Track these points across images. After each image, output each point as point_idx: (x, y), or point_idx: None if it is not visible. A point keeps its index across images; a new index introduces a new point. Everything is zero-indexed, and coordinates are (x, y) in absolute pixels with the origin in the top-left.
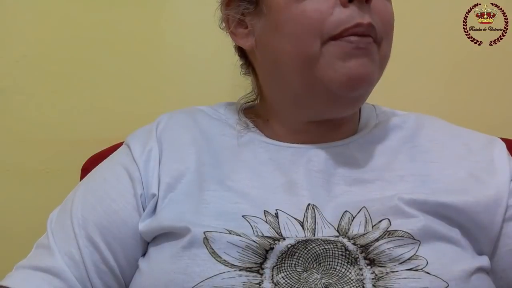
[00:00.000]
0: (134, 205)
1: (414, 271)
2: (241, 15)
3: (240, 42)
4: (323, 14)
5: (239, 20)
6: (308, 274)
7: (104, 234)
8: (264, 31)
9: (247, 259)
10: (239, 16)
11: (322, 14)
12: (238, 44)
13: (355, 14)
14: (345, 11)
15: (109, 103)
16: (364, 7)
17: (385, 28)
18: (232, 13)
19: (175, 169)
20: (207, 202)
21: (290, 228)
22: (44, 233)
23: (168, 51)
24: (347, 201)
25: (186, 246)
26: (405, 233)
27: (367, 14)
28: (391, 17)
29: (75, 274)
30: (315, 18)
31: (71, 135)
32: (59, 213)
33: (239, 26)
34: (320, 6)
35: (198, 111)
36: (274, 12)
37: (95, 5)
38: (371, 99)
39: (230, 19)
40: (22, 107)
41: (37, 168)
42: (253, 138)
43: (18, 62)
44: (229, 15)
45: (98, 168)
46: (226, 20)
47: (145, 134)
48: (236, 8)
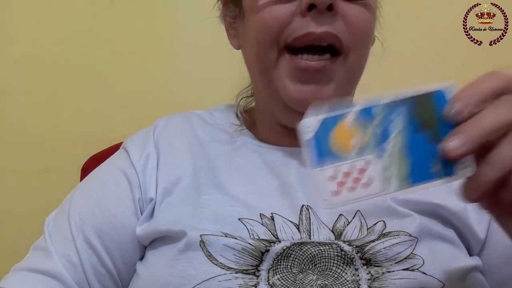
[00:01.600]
0: (133, 209)
1: (410, 271)
2: (230, 17)
3: (231, 42)
4: (280, 22)
5: (232, 21)
6: (304, 276)
7: (102, 237)
8: (243, 35)
9: (243, 262)
10: (229, 19)
11: (279, 22)
12: (231, 44)
13: (311, 23)
14: (303, 20)
15: (109, 103)
16: (325, 16)
17: (354, 37)
18: (228, 13)
19: (172, 174)
20: (204, 206)
21: (286, 231)
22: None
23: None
24: None
25: (183, 250)
26: (401, 231)
27: (326, 24)
28: (364, 25)
29: (73, 276)
30: (272, 26)
31: (71, 135)
32: (56, 216)
33: (231, 27)
34: (278, 14)
35: (194, 115)
36: (245, 18)
37: (95, 6)
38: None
39: (226, 20)
40: (22, 107)
41: (37, 168)
42: (246, 142)
43: (18, 62)
44: (225, 15)
45: (96, 172)
46: (223, 20)
47: (142, 139)
48: (228, 9)
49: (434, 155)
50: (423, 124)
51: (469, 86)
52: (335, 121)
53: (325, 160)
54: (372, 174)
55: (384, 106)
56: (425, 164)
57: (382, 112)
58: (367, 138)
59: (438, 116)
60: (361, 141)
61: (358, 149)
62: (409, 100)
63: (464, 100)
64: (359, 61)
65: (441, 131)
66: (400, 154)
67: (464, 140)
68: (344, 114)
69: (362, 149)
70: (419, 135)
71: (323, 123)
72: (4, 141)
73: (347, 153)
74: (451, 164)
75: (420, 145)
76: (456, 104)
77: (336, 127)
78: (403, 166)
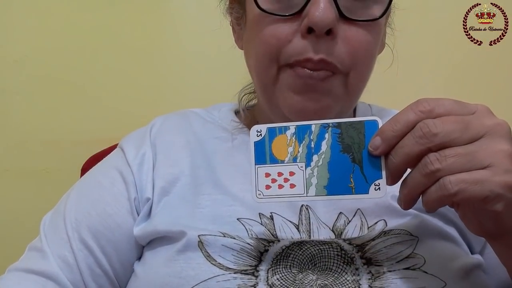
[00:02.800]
0: (128, 209)
1: (412, 270)
2: (235, 18)
3: (236, 41)
4: (280, 40)
5: (236, 23)
6: (303, 275)
7: (98, 237)
8: (246, 39)
9: (242, 262)
10: (234, 16)
11: (279, 40)
12: (235, 41)
13: (309, 47)
14: (302, 41)
15: (109, 103)
16: (323, 42)
17: (353, 59)
18: (233, 12)
19: (170, 173)
20: (202, 206)
21: (285, 230)
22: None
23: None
24: (340, 201)
25: (181, 250)
26: (402, 230)
27: (323, 48)
28: (363, 47)
29: (69, 277)
30: (272, 44)
31: (71, 135)
32: (52, 216)
33: (237, 26)
34: (279, 33)
35: (192, 113)
36: (248, 26)
37: (95, 5)
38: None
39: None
40: (22, 107)
41: (37, 168)
42: (246, 140)
43: (18, 62)
44: (231, 13)
45: (92, 171)
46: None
47: (139, 138)
48: (234, 9)
49: (353, 174)
50: (349, 147)
51: (389, 121)
52: (280, 131)
53: (265, 160)
54: (298, 178)
55: (321, 125)
56: (343, 179)
57: (318, 130)
58: (301, 149)
59: (366, 142)
60: (295, 151)
61: (292, 156)
62: (344, 124)
63: (382, 135)
64: (360, 80)
65: (364, 156)
66: (324, 167)
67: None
68: (287, 126)
69: (295, 157)
70: (343, 155)
71: (270, 131)
72: (4, 141)
73: (283, 158)
74: (366, 184)
75: (343, 163)
76: (376, 140)
77: (278, 136)
78: (324, 177)
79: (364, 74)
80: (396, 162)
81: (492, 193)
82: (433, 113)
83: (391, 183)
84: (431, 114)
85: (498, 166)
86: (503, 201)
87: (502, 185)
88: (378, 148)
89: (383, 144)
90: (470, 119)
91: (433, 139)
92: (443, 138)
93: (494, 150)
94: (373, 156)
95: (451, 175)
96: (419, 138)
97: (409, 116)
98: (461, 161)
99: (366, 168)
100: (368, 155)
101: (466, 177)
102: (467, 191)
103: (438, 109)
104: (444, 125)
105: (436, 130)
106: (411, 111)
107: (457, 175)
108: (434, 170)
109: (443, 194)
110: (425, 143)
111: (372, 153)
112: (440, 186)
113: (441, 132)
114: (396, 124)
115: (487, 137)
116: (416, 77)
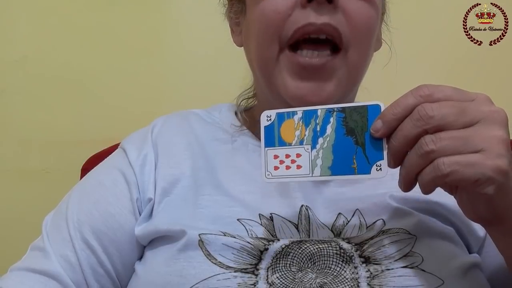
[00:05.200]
0: (131, 209)
1: (410, 268)
2: (234, 14)
3: (234, 40)
4: (280, 14)
5: (235, 18)
6: (303, 274)
7: (100, 237)
8: (246, 31)
9: (242, 261)
10: (233, 15)
11: (280, 14)
12: (234, 41)
13: (311, 13)
14: (303, 11)
15: (109, 103)
16: (324, 8)
17: (354, 32)
18: (232, 10)
19: (171, 174)
20: (203, 207)
21: (285, 231)
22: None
23: (168, 51)
24: (339, 201)
25: (182, 249)
26: (400, 229)
27: (326, 15)
28: (365, 21)
29: (71, 277)
30: (273, 19)
31: (71, 135)
32: (54, 216)
33: (235, 24)
34: (278, 7)
35: (193, 114)
36: (248, 12)
37: (95, 5)
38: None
39: (230, 16)
40: (22, 107)
41: (37, 168)
42: (246, 142)
43: (18, 62)
44: (230, 12)
45: (93, 172)
46: (228, 17)
47: (140, 138)
48: (233, 6)
49: (355, 155)
50: (352, 130)
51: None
52: (288, 116)
53: (274, 143)
54: (304, 160)
55: (327, 110)
56: (346, 161)
57: (324, 114)
58: (307, 132)
59: (369, 125)
60: (302, 134)
61: (299, 139)
62: (348, 109)
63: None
64: (360, 58)
65: (367, 138)
66: (329, 149)
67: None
68: (295, 111)
69: (302, 140)
70: (347, 137)
71: (279, 116)
72: (4, 141)
73: (291, 141)
74: (368, 165)
75: (346, 146)
76: (377, 122)
77: (286, 120)
78: (328, 158)
79: (364, 52)
80: (396, 145)
81: (483, 176)
82: (432, 97)
83: (393, 165)
84: (429, 98)
85: (491, 151)
86: (494, 184)
87: (494, 169)
88: (379, 131)
89: (383, 127)
90: (468, 104)
91: (429, 121)
92: (439, 121)
93: (489, 135)
94: (375, 139)
95: (445, 157)
96: (416, 121)
97: (409, 100)
98: (456, 144)
99: (368, 150)
100: (370, 138)
101: (459, 159)
102: (459, 172)
103: (437, 94)
104: (441, 109)
105: (432, 113)
106: (411, 95)
107: (451, 157)
108: (429, 151)
109: (436, 175)
110: (421, 125)
111: (374, 135)
112: (434, 167)
113: (437, 115)
114: (397, 107)
115: (482, 123)
116: (416, 77)
